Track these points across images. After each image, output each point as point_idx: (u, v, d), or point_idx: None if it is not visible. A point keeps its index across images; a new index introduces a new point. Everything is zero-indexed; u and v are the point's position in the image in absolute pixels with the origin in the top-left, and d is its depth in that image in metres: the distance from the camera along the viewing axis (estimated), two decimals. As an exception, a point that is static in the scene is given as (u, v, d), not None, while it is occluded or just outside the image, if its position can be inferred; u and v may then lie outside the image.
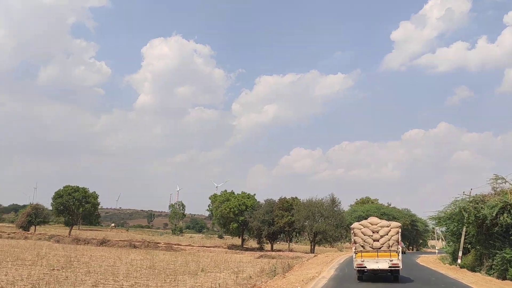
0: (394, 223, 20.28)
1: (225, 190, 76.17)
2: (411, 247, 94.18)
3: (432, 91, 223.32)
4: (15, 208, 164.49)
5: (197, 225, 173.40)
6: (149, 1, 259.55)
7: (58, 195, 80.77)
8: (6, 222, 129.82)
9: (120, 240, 74.13)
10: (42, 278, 19.27)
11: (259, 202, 73.93)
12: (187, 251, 68.67)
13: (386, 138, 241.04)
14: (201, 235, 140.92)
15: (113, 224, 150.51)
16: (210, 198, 75.30)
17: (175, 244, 76.88)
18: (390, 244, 19.26)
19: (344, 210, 67.48)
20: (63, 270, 23.03)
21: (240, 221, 70.84)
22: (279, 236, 72.96)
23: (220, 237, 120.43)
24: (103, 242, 69.74)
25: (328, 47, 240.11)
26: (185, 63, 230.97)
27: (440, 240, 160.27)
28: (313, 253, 65.03)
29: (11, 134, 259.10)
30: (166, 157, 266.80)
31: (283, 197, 70.67)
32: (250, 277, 23.03)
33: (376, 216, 25.41)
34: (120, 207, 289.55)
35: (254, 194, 76.64)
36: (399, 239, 19.59)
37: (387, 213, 68.62)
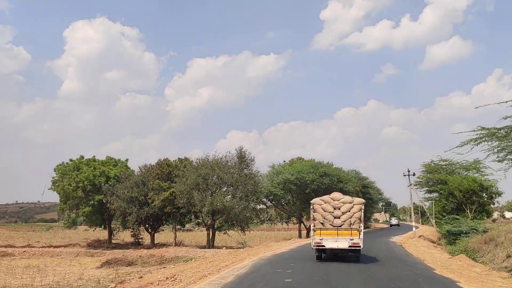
0: (358, 199, 18.48)
1: (81, 156, 48.01)
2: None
3: (361, 70, 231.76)
4: None
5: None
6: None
7: None
8: None
9: None
10: None
11: (133, 171, 46.84)
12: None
13: (319, 117, 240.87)
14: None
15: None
16: (55, 170, 46.78)
17: (3, 246, 48.87)
18: (352, 222, 17.56)
19: (261, 173, 41.81)
20: None
21: (96, 202, 43.42)
22: (166, 221, 46.58)
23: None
24: None
25: (260, 27, 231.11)
26: (112, 46, 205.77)
27: (383, 213, 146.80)
28: (212, 247, 39.36)
29: None
30: (99, 146, 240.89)
31: (164, 158, 43.82)
32: None
33: (337, 192, 19.90)
34: (41, 201, 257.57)
35: (127, 160, 49.21)
36: (362, 217, 17.71)
37: (329, 173, 44.18)
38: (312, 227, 18.31)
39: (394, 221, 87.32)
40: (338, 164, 48.67)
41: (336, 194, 19.01)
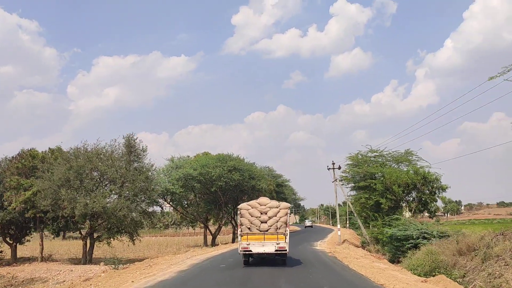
0: (284, 204, 18.45)
1: None
2: None
3: (271, 75, 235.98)
4: None
5: None
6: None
7: None
8: None
9: None
10: None
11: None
12: None
13: (230, 121, 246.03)
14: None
15: None
16: None
17: None
18: (278, 226, 17.58)
19: (156, 167, 33.65)
20: None
21: None
22: (33, 229, 36.65)
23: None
24: None
25: (171, 28, 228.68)
26: (8, 39, 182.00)
27: (293, 215, 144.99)
28: (89, 262, 30.58)
29: None
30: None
31: (29, 149, 33.91)
32: None
33: (264, 197, 20.27)
34: None
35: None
36: (288, 221, 17.89)
37: (239, 168, 37.21)
38: (239, 232, 18.17)
39: (308, 222, 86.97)
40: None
41: (263, 199, 18.92)
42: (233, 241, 49.46)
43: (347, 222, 79.53)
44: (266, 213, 17.56)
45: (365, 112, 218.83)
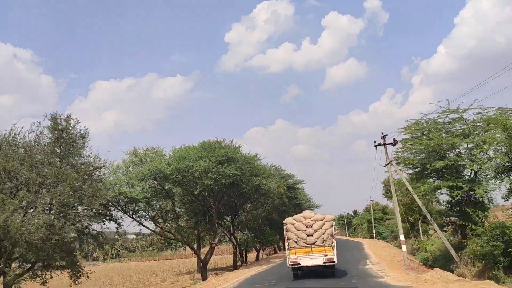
0: (328, 216, 19.05)
1: None
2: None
3: (268, 90, 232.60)
4: None
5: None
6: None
7: None
8: None
9: None
10: None
11: None
12: None
13: (229, 138, 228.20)
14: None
15: None
16: None
17: None
18: (325, 239, 18.20)
19: (106, 162, 21.79)
20: None
21: None
22: None
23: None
24: None
25: (164, 49, 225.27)
26: (3, 69, 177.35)
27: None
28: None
29: None
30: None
31: None
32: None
33: (308, 210, 21.76)
34: None
35: None
36: (334, 233, 18.56)
37: (234, 159, 25.43)
38: (286, 247, 18.65)
39: None
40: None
41: (307, 213, 19.49)
42: (235, 265, 37.35)
43: (373, 231, 67.43)
44: (311, 226, 18.16)
45: (364, 122, 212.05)
